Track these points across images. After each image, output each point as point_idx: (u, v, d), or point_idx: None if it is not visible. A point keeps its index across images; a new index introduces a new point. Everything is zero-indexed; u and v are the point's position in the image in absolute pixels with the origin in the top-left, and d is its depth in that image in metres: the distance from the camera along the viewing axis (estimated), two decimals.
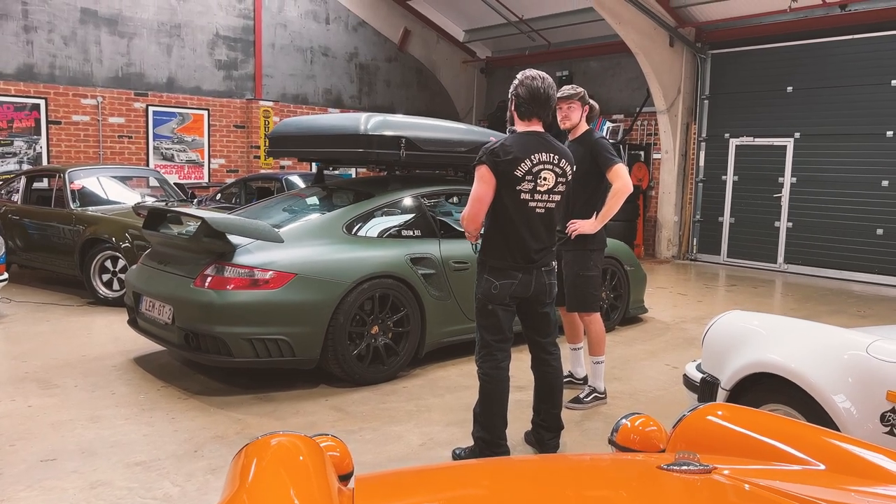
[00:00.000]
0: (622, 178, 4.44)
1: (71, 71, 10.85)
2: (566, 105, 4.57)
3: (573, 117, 4.59)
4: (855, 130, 10.37)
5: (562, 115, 4.60)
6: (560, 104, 4.56)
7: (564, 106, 4.58)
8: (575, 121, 4.60)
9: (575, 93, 4.57)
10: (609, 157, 4.46)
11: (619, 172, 4.45)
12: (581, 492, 1.61)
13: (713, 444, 1.93)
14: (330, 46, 13.73)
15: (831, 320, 7.50)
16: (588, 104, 4.67)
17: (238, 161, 12.75)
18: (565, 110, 4.58)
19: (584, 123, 4.66)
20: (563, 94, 4.56)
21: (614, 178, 4.45)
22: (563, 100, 4.55)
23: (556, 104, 4.54)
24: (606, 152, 4.48)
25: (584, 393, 4.69)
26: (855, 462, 1.72)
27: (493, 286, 3.50)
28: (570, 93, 4.57)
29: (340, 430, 4.11)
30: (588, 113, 4.67)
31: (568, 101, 4.56)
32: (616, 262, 6.68)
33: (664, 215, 12.50)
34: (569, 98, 4.55)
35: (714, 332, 3.32)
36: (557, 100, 4.52)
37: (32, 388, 4.74)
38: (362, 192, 5.57)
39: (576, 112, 4.58)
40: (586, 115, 4.65)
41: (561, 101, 4.55)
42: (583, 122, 4.65)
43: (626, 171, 4.50)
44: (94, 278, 7.47)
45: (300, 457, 1.63)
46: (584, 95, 4.63)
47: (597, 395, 4.69)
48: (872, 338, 2.64)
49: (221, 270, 4.59)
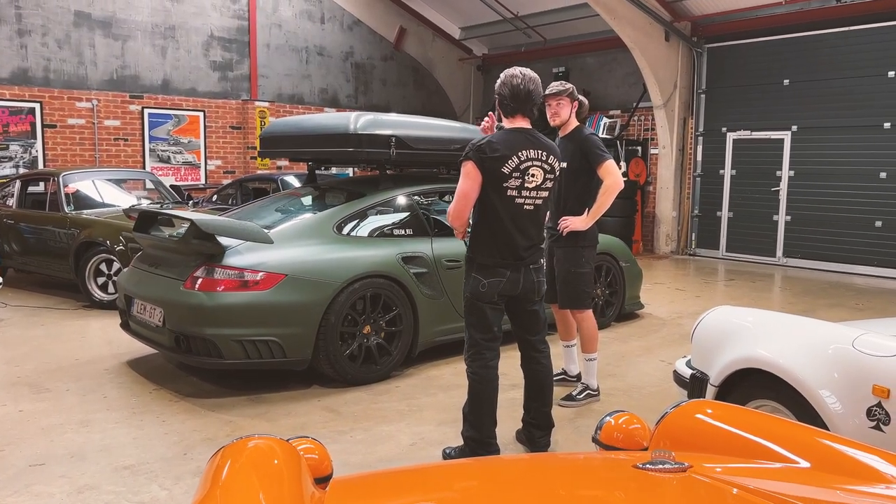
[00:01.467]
0: (613, 175, 4.41)
1: (66, 74, 10.85)
2: (555, 101, 4.54)
3: (563, 114, 4.56)
4: (852, 123, 10.33)
5: (551, 111, 4.58)
6: (549, 101, 4.54)
7: (553, 102, 4.55)
8: (564, 117, 4.57)
9: (563, 89, 4.54)
10: (599, 154, 4.43)
11: (610, 169, 4.42)
12: (554, 490, 1.59)
13: (696, 441, 1.91)
14: (325, 46, 13.71)
15: (829, 314, 7.48)
16: (577, 100, 4.64)
17: (235, 162, 12.74)
18: (554, 107, 4.55)
19: (574, 120, 4.63)
20: (552, 90, 4.53)
21: (605, 175, 4.42)
22: (552, 96, 4.52)
23: (546, 101, 4.53)
24: (597, 148, 4.45)
25: (576, 390, 4.66)
26: (841, 460, 1.69)
27: (482, 284, 3.48)
28: (559, 89, 4.54)
29: (332, 430, 4.09)
30: (577, 109, 4.64)
31: (557, 98, 4.53)
32: (611, 258, 6.65)
33: (662, 210, 12.46)
34: (557, 94, 4.52)
35: (703, 328, 3.29)
36: (546, 96, 4.49)
37: (24, 393, 4.73)
38: (354, 192, 5.55)
39: (565, 108, 4.55)
40: (576, 111, 4.63)
41: (549, 97, 4.52)
42: (572, 118, 4.61)
43: (616, 167, 4.47)
44: (88, 281, 7.46)
45: (275, 460, 1.63)
46: (572, 91, 4.60)
47: (590, 392, 4.66)
48: (858, 332, 2.61)
49: (211, 272, 4.57)
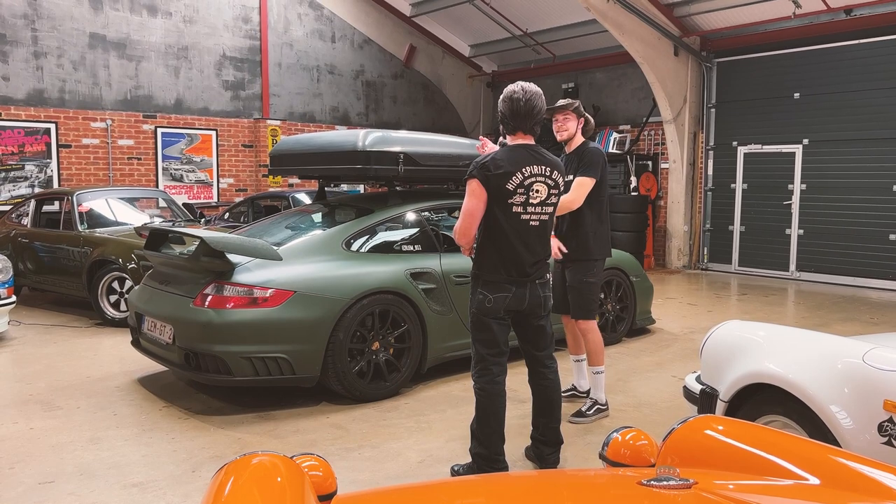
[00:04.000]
0: (575, 191, 4.40)
1: (80, 95, 11.00)
2: (561, 116, 4.55)
3: (569, 128, 4.56)
4: (864, 135, 10.26)
5: (557, 125, 4.59)
6: (555, 115, 4.55)
7: (560, 117, 4.56)
8: (571, 131, 4.57)
9: (569, 103, 4.55)
10: (585, 168, 4.43)
11: (578, 184, 4.41)
12: None
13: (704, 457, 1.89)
14: (336, 64, 13.83)
15: (843, 328, 7.39)
16: (583, 116, 4.64)
17: (247, 180, 12.83)
18: (561, 121, 4.56)
19: (580, 136, 4.63)
20: (558, 105, 4.54)
21: (572, 187, 4.41)
22: (558, 111, 4.53)
23: (553, 116, 4.54)
24: (589, 163, 4.44)
25: (586, 406, 4.63)
26: (851, 477, 1.66)
27: (488, 300, 3.47)
28: (564, 104, 4.55)
29: (340, 447, 4.08)
30: (584, 125, 4.64)
31: (563, 112, 4.54)
32: (621, 272, 6.62)
33: (674, 225, 12.41)
34: (563, 109, 4.54)
35: (712, 343, 3.26)
36: (552, 111, 4.51)
37: (36, 410, 4.76)
38: (363, 208, 5.57)
39: (571, 123, 4.56)
40: (582, 127, 4.63)
41: (556, 112, 4.54)
42: (579, 134, 4.62)
43: (586, 188, 4.41)
44: (101, 299, 7.52)
45: (278, 477, 1.62)
46: (578, 107, 4.60)
47: (599, 406, 4.63)
48: (869, 346, 2.58)
49: (220, 289, 4.59)
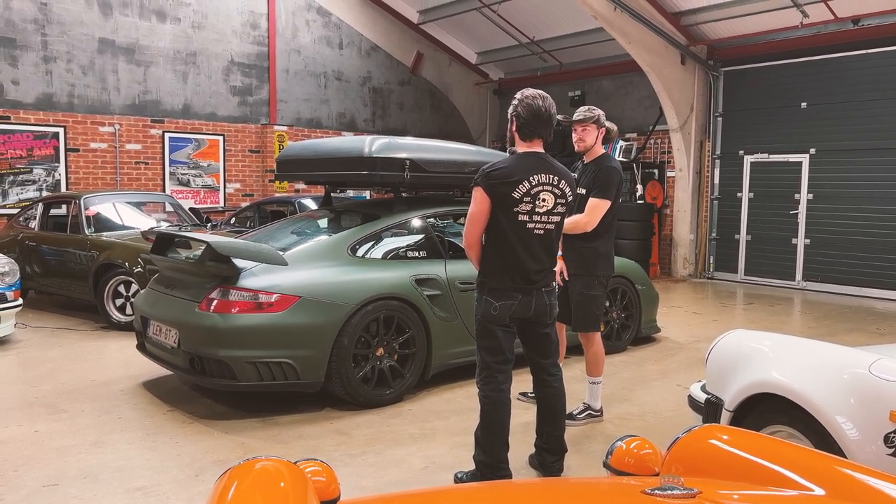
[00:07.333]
0: (589, 214, 4.39)
1: (89, 99, 11.06)
2: (581, 127, 4.53)
3: (588, 140, 4.54)
4: (871, 145, 10.23)
5: (576, 136, 4.57)
6: (575, 126, 4.54)
7: (579, 128, 4.54)
8: (590, 143, 4.55)
9: (590, 115, 4.52)
10: (601, 189, 4.41)
11: (594, 207, 4.40)
12: None
13: (709, 466, 1.88)
14: (343, 71, 13.88)
15: (849, 338, 7.36)
16: (604, 126, 4.61)
17: (253, 185, 12.87)
18: (580, 132, 4.54)
19: (600, 147, 4.60)
20: (579, 116, 4.52)
21: (587, 209, 4.40)
22: (578, 122, 4.52)
23: (572, 126, 4.54)
24: (606, 183, 4.42)
25: (577, 409, 4.60)
26: (857, 488, 1.65)
27: (493, 307, 3.47)
28: (586, 115, 4.52)
29: (343, 453, 4.08)
30: (605, 135, 4.62)
31: (583, 124, 4.52)
32: (627, 281, 6.61)
33: (679, 233, 12.38)
34: (584, 121, 4.51)
35: (717, 352, 3.25)
36: (572, 122, 4.51)
37: (40, 413, 4.77)
38: (368, 214, 5.58)
39: (590, 134, 4.53)
40: (602, 137, 4.60)
41: (575, 123, 4.52)
42: (598, 144, 4.58)
43: (601, 212, 4.41)
44: (107, 303, 7.54)
45: (281, 482, 1.62)
46: (599, 118, 4.55)
47: (592, 412, 4.61)
48: (875, 356, 2.57)
49: (226, 294, 4.60)
